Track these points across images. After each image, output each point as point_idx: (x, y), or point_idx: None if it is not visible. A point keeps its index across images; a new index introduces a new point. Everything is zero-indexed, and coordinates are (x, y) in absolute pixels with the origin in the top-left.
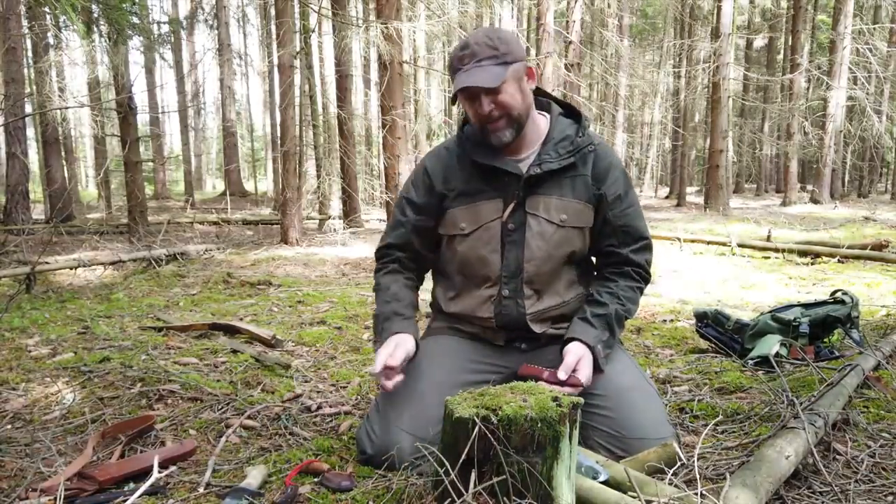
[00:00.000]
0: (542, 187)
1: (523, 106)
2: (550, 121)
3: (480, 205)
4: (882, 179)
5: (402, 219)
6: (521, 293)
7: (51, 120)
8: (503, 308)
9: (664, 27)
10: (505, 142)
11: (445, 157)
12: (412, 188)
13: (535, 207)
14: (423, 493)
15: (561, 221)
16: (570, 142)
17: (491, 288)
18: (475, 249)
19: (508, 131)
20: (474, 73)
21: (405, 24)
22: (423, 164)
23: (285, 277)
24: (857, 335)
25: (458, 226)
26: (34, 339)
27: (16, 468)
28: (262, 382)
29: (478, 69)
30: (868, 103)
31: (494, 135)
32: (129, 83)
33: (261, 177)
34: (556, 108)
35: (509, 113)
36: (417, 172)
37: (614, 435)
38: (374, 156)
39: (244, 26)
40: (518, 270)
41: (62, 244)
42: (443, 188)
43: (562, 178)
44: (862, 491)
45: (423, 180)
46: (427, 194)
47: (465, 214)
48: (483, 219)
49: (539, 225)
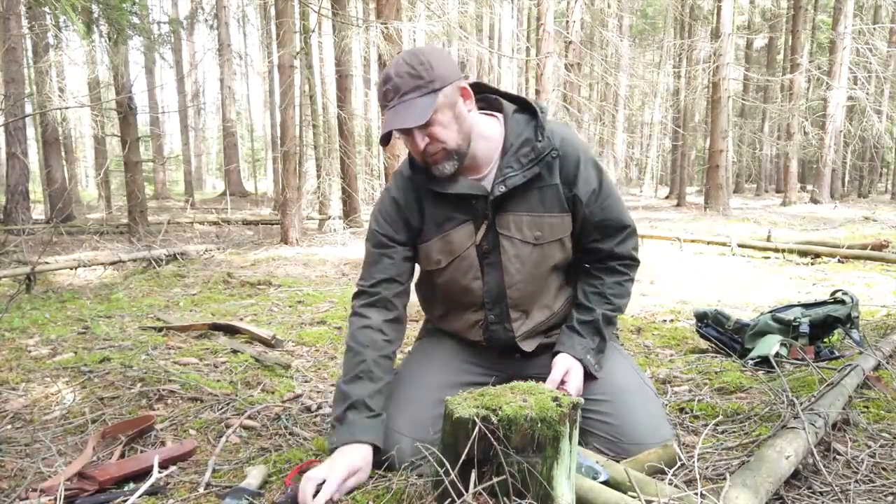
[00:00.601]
0: (511, 203)
1: (460, 135)
2: (504, 123)
3: (451, 234)
4: (882, 179)
5: (385, 251)
6: (508, 316)
7: (51, 120)
8: (491, 333)
9: (664, 27)
10: (447, 173)
11: (409, 187)
12: (388, 224)
13: (506, 227)
14: (423, 494)
15: (535, 239)
16: (530, 148)
17: (477, 312)
18: (455, 281)
19: (449, 164)
20: (400, 112)
21: (405, 24)
22: (391, 194)
23: (285, 277)
24: (857, 335)
25: (434, 259)
26: (34, 339)
27: (16, 468)
28: (262, 382)
29: (402, 106)
30: (868, 103)
31: (435, 167)
32: (129, 83)
33: (261, 177)
34: (509, 106)
35: (445, 147)
36: (388, 206)
37: (613, 440)
38: (374, 156)
39: (244, 26)
40: (501, 296)
41: (62, 244)
42: (417, 223)
43: (529, 190)
44: (862, 491)
45: (398, 214)
46: (404, 228)
47: (438, 247)
48: (457, 249)
49: (514, 247)
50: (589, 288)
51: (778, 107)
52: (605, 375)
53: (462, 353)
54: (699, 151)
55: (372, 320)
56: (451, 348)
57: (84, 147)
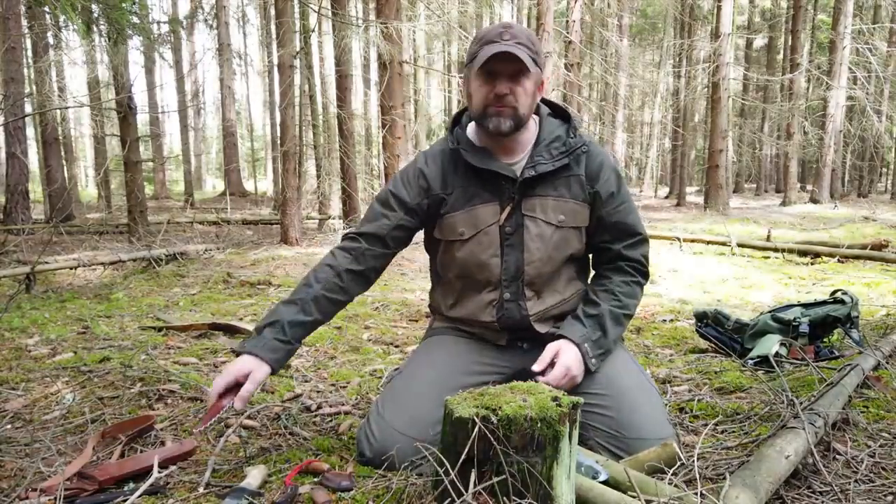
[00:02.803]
0: (538, 189)
1: (528, 109)
2: (539, 122)
3: (478, 209)
4: (882, 179)
5: (388, 212)
6: (523, 295)
7: (50, 120)
8: (505, 311)
9: (664, 27)
10: (503, 130)
11: (441, 160)
12: (403, 187)
13: (531, 209)
14: (422, 493)
15: (559, 222)
16: (562, 143)
17: (492, 292)
18: (475, 255)
19: (509, 121)
20: (513, 48)
21: (405, 24)
22: (418, 164)
23: (285, 277)
24: (856, 335)
25: (458, 231)
26: (34, 338)
27: (16, 468)
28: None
29: (515, 48)
30: (868, 103)
31: (496, 118)
32: (128, 83)
33: (261, 177)
34: (545, 109)
35: (516, 107)
36: (411, 172)
37: (614, 435)
38: (374, 156)
39: (244, 26)
40: (518, 273)
41: (62, 244)
42: (440, 192)
43: (556, 178)
44: (862, 491)
45: (419, 182)
46: (420, 195)
47: (463, 219)
48: (481, 223)
49: (537, 227)
50: (598, 286)
51: (778, 107)
52: (607, 370)
53: (466, 352)
54: (699, 151)
55: (338, 263)
56: (455, 348)
57: (84, 147)
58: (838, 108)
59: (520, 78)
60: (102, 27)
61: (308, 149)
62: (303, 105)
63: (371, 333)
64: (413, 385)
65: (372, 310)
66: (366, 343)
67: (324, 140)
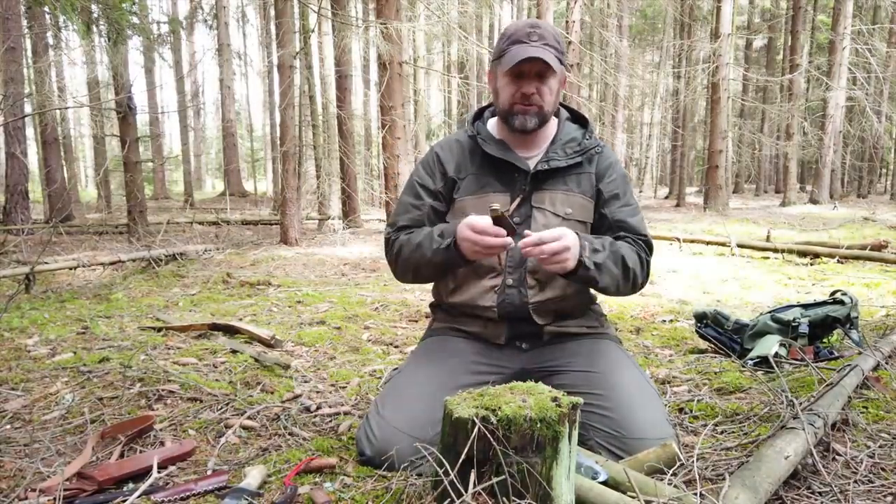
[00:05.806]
0: (548, 183)
1: (552, 106)
2: (558, 123)
3: (489, 196)
4: (881, 180)
5: (418, 202)
6: (525, 282)
7: (50, 120)
8: (506, 297)
9: (664, 27)
10: (529, 128)
11: (456, 147)
12: (426, 174)
13: (540, 202)
14: (422, 494)
15: (566, 215)
16: (577, 143)
17: (494, 278)
18: None
19: (535, 119)
20: (541, 51)
21: (405, 24)
22: (433, 152)
23: (285, 278)
24: (856, 335)
25: (467, 214)
26: (33, 339)
27: (15, 468)
28: (262, 382)
29: (544, 50)
30: (867, 103)
31: (522, 116)
32: (128, 83)
33: (260, 177)
34: (564, 113)
35: (541, 105)
36: (430, 159)
37: (614, 435)
38: (374, 156)
39: (244, 26)
40: (522, 260)
41: (61, 244)
42: (454, 175)
43: (568, 174)
44: (861, 491)
45: (437, 167)
46: (441, 180)
47: (473, 203)
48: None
49: (545, 218)
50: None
51: (777, 107)
52: (606, 371)
53: (466, 352)
54: (699, 152)
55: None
56: (455, 348)
57: (84, 147)
58: (838, 109)
59: (546, 78)
60: (102, 27)
61: (308, 149)
62: (302, 105)
63: (370, 334)
64: (413, 385)
65: (371, 310)
66: (365, 343)
67: (323, 140)
